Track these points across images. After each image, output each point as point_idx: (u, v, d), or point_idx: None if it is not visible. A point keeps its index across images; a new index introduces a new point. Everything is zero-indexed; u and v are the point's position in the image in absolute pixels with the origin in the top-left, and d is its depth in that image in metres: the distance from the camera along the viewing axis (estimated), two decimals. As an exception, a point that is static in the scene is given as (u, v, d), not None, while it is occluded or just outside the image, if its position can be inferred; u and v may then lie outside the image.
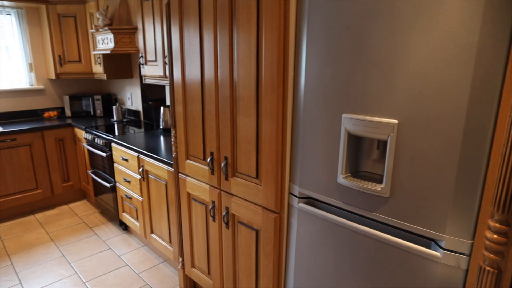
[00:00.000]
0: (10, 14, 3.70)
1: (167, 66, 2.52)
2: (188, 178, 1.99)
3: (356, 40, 1.12)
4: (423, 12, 0.96)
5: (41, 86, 3.94)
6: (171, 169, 2.18)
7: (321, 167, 1.32)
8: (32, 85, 3.92)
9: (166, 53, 2.49)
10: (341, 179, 1.24)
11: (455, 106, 0.95)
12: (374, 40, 1.08)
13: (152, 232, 2.64)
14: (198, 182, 1.92)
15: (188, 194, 2.02)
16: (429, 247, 1.08)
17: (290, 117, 1.40)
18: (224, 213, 1.77)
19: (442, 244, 1.04)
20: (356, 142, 1.25)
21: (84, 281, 2.48)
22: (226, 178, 1.70)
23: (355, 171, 1.27)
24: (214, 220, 1.85)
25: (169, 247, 2.46)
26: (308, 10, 1.25)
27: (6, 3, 3.51)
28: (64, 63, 3.69)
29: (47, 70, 3.92)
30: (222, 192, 1.76)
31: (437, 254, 1.04)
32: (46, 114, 3.86)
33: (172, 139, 2.05)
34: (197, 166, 1.89)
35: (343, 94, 1.20)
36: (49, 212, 3.60)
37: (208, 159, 1.77)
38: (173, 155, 2.06)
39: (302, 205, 1.42)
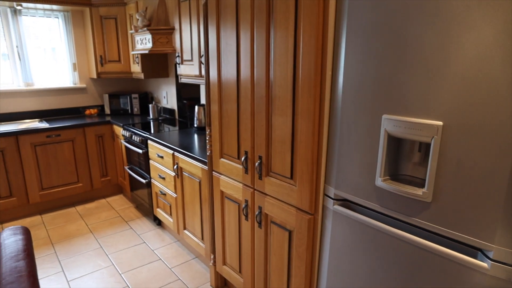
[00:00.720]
0: (58, 17, 3.91)
1: (202, 66, 2.56)
2: (222, 176, 2.01)
3: (399, 38, 1.08)
4: (475, 6, 0.91)
5: (83, 85, 4.13)
6: (205, 167, 2.21)
7: (358, 169, 1.28)
8: (75, 84, 4.12)
9: (202, 53, 2.53)
10: (380, 182, 1.21)
11: (510, 110, 0.89)
12: (419, 38, 1.03)
13: (185, 228, 2.70)
14: (231, 181, 1.93)
15: (222, 192, 2.04)
16: (475, 257, 1.03)
17: (327, 117, 1.38)
18: (257, 213, 1.77)
19: (490, 255, 0.98)
20: (396, 144, 1.20)
21: (120, 272, 2.57)
22: (260, 178, 1.70)
23: (394, 174, 1.23)
24: (246, 219, 1.86)
25: (201, 243, 2.50)
26: (348, 8, 1.22)
27: (55, 7, 3.71)
28: (104, 63, 3.85)
29: (89, 69, 4.10)
30: (255, 191, 1.77)
31: (484, 265, 0.99)
32: (87, 112, 4.04)
33: (207, 138, 2.07)
34: (231, 164, 1.91)
35: (384, 94, 1.16)
36: (88, 205, 3.77)
37: (242, 158, 1.78)
38: (208, 154, 2.09)
39: (337, 207, 1.39)
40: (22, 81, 3.80)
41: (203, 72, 2.58)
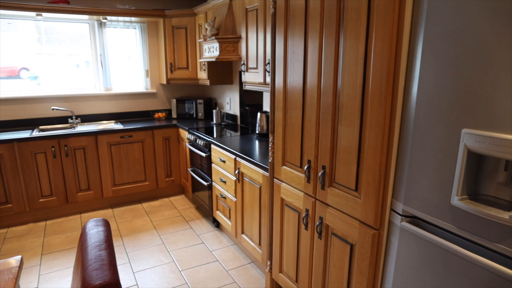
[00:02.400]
0: (135, 28, 4.26)
1: (267, 73, 2.60)
2: (283, 184, 2.02)
3: (485, 45, 1.00)
4: None
5: (154, 90, 4.43)
6: (266, 173, 2.23)
7: (431, 185, 1.21)
8: (147, 89, 4.44)
9: (267, 61, 2.57)
10: (456, 201, 1.12)
11: None
12: (507, 44, 0.95)
13: (242, 232, 2.74)
14: (292, 189, 1.93)
15: (282, 199, 2.04)
16: None
17: (398, 128, 1.32)
18: (317, 223, 1.74)
19: None
20: (476, 161, 1.11)
21: (180, 269, 2.69)
22: (323, 188, 1.68)
23: (473, 193, 1.14)
24: (306, 228, 1.84)
25: (258, 249, 2.52)
26: (426, 14, 1.16)
27: (133, 19, 4.04)
28: (174, 70, 4.09)
29: (160, 76, 4.39)
30: (317, 201, 1.74)
31: None
32: (156, 115, 4.32)
33: (270, 145, 2.10)
34: (293, 173, 1.91)
35: (464, 106, 1.08)
36: (153, 202, 4.01)
37: (305, 167, 1.77)
38: (270, 160, 2.11)
39: (405, 224, 1.32)
40: (103, 86, 4.18)
41: (267, 80, 2.62)
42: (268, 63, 2.56)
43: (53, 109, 3.82)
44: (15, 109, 3.77)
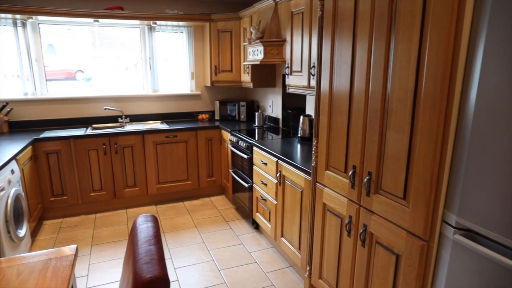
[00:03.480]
0: (182, 32, 4.41)
1: (311, 77, 2.58)
2: (326, 188, 1.99)
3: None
4: None
5: (198, 92, 4.56)
6: (309, 177, 2.21)
7: (491, 197, 1.13)
8: (191, 91, 4.58)
9: (312, 64, 2.55)
10: (519, 215, 1.04)
11: None
12: None
13: (282, 235, 2.73)
14: (335, 194, 1.89)
15: (324, 204, 2.01)
16: None
17: (452, 135, 1.25)
18: (361, 230, 1.69)
19: None
20: (543, 173, 1.03)
21: (219, 268, 2.73)
22: (368, 194, 1.63)
23: (539, 208, 1.05)
24: (349, 235, 1.80)
25: (297, 253, 2.50)
26: (489, 15, 1.09)
27: (181, 23, 4.19)
28: (218, 72, 4.18)
29: (204, 78, 4.51)
30: (361, 208, 1.70)
31: None
32: (200, 116, 4.44)
33: (313, 149, 2.08)
34: (336, 178, 1.87)
35: (531, 114, 1.00)
36: (194, 201, 4.12)
37: (350, 173, 1.73)
38: (312, 164, 2.09)
39: (459, 237, 1.25)
40: (151, 88, 4.37)
41: (311, 83, 2.60)
42: (313, 66, 2.54)
43: (105, 108, 4.06)
44: (71, 108, 4.05)
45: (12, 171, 2.70)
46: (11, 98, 3.79)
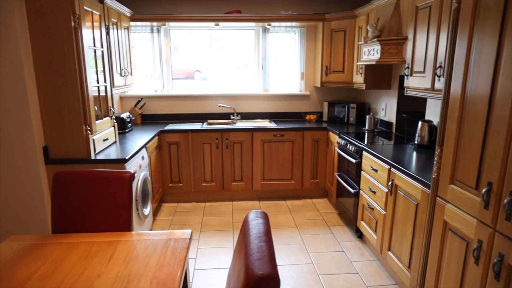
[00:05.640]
0: (295, 33, 4.45)
1: (436, 78, 2.31)
2: (448, 205, 1.75)
3: None
4: None
5: (307, 92, 4.54)
6: (427, 190, 1.98)
7: None
8: (300, 91, 4.59)
9: (439, 64, 2.28)
10: None
11: None
12: None
13: (389, 249, 2.53)
14: (461, 213, 1.65)
15: (445, 222, 1.78)
16: None
17: None
18: (495, 260, 1.44)
19: None
20: None
21: (318, 273, 2.67)
22: (508, 219, 1.37)
23: None
24: (477, 263, 1.55)
25: (406, 271, 2.28)
26: None
27: (294, 23, 4.24)
28: (329, 73, 4.09)
29: (314, 78, 4.47)
30: (496, 233, 1.44)
31: None
32: (307, 117, 4.42)
33: (435, 158, 1.85)
34: (463, 194, 1.63)
35: None
36: (296, 201, 4.12)
37: (483, 190, 1.48)
38: (433, 176, 1.87)
39: None
40: (262, 87, 4.53)
41: (436, 85, 2.33)
42: (440, 66, 2.27)
43: (219, 106, 4.36)
44: (190, 104, 4.46)
45: (143, 158, 3.11)
46: (144, 94, 4.37)
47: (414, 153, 2.69)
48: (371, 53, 3.21)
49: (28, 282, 1.31)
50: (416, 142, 2.88)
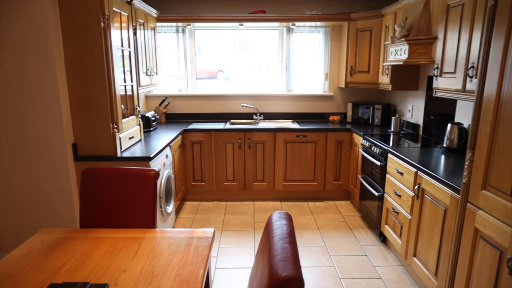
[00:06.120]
0: (319, 33, 4.40)
1: (468, 79, 2.22)
2: (480, 211, 1.68)
3: None
4: None
5: (331, 93, 4.48)
6: (457, 195, 1.91)
7: None
8: (324, 92, 4.53)
9: (471, 64, 2.19)
10: None
11: None
12: None
13: (414, 255, 2.45)
14: (494, 220, 1.58)
15: (476, 230, 1.70)
16: None
17: None
18: (530, 270, 1.37)
19: None
20: None
21: (340, 276, 2.63)
22: (546, 227, 1.30)
23: None
24: (511, 273, 1.47)
25: (432, 278, 2.20)
26: None
27: (318, 23, 4.19)
28: (354, 73, 4.02)
29: (339, 79, 4.40)
30: (532, 242, 1.37)
31: None
32: (331, 118, 4.36)
33: (466, 162, 1.78)
34: (497, 200, 1.56)
35: None
36: (318, 203, 4.07)
37: (519, 196, 1.41)
38: (463, 181, 1.80)
39: None
40: (285, 87, 4.51)
41: (467, 86, 2.24)
42: (472, 66, 2.18)
43: (242, 105, 4.37)
44: (213, 104, 4.50)
45: (166, 156, 3.16)
46: (169, 93, 4.44)
47: (443, 157, 2.60)
48: (398, 53, 3.13)
49: (57, 274, 1.35)
50: (444, 145, 2.78)
